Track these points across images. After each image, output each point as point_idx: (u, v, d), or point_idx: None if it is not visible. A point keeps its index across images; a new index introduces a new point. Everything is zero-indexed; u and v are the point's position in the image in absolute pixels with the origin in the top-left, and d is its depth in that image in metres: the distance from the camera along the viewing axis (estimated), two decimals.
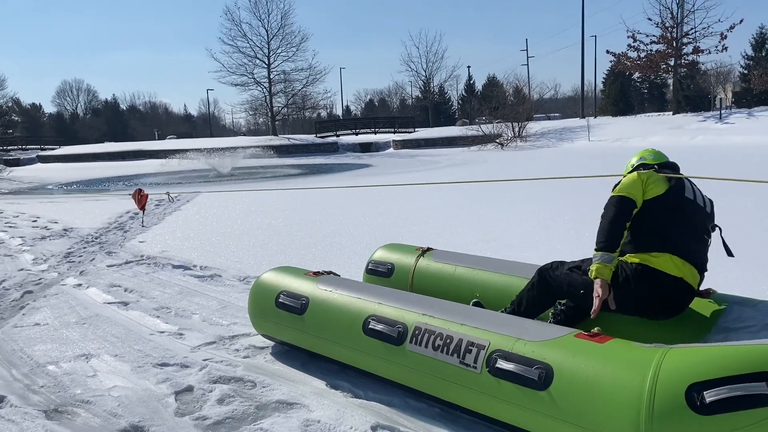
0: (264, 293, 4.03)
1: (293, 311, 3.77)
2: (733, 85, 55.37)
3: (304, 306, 3.73)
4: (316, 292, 3.76)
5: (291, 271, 4.17)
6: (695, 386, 2.25)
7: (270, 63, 49.70)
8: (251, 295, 4.15)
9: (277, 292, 3.93)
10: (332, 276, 4.04)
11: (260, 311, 4.04)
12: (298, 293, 3.83)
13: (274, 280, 4.06)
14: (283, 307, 3.84)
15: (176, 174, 25.18)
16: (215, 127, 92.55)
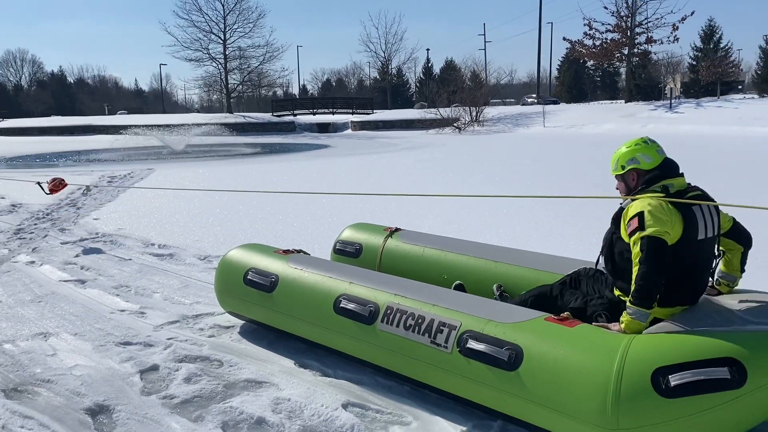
0: (232, 270, 3.98)
1: (262, 289, 3.74)
2: (682, 75, 56.97)
3: (274, 284, 3.70)
4: (286, 270, 3.73)
5: (260, 248, 4.13)
6: (661, 370, 2.34)
7: (226, 39, 48.59)
8: (218, 271, 4.09)
9: (246, 269, 3.89)
10: (302, 255, 4.02)
11: (227, 288, 4.00)
12: (267, 271, 3.79)
13: (243, 258, 4.01)
14: (252, 284, 3.80)
15: (128, 150, 24.48)
16: (167, 104, 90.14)
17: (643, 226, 2.73)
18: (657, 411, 2.31)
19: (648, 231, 2.70)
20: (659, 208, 2.75)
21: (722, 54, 51.48)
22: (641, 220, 2.75)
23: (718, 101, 33.80)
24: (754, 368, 2.31)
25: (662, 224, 2.70)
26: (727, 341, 2.41)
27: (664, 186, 2.88)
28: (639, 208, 2.80)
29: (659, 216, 2.72)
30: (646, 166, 3.00)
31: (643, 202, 2.81)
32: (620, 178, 3.12)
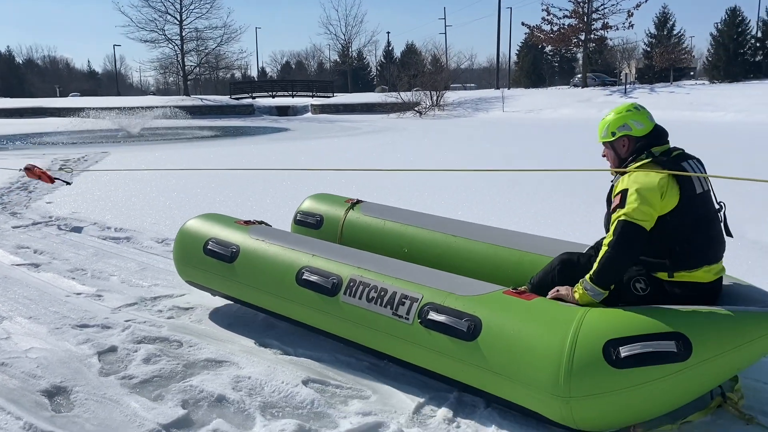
0: (191, 239, 3.95)
1: (223, 259, 3.72)
2: (637, 61, 58.15)
3: (234, 254, 3.69)
4: (247, 241, 3.72)
5: (220, 218, 4.10)
6: (612, 342, 2.44)
7: (182, 19, 47.57)
8: (177, 240, 4.06)
9: (206, 239, 3.86)
10: (264, 226, 4.01)
11: (186, 258, 3.97)
12: (228, 241, 3.77)
13: (203, 227, 3.98)
14: (212, 254, 3.78)
15: (82, 134, 23.81)
16: (122, 86, 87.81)
17: (624, 204, 2.69)
18: (607, 380, 2.40)
19: (627, 211, 2.66)
20: (649, 185, 2.68)
21: (675, 41, 52.72)
22: (623, 198, 2.71)
23: (670, 87, 34.72)
24: (699, 343, 2.41)
25: (647, 205, 2.65)
26: (675, 317, 2.52)
27: (649, 152, 2.84)
28: (626, 184, 2.74)
29: (646, 195, 2.66)
30: (637, 132, 2.91)
31: (634, 178, 2.74)
32: (609, 146, 2.99)
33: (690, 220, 2.72)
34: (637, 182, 2.71)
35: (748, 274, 4.70)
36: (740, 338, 2.46)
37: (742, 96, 26.89)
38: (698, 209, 2.76)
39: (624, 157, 2.94)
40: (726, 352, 2.44)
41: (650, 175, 2.72)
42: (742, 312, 2.55)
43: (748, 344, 2.46)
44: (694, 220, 2.73)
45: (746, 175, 8.65)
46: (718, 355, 2.43)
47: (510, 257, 3.66)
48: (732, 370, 2.52)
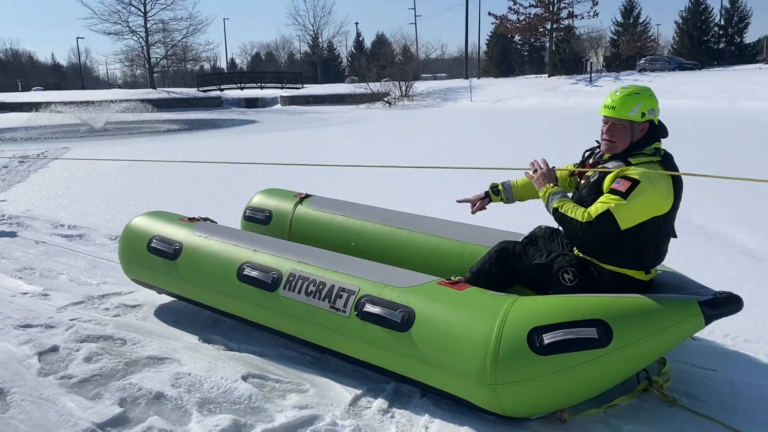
0: (136, 237, 3.94)
1: (166, 256, 3.72)
2: (604, 49, 58.83)
3: (178, 251, 3.69)
4: (190, 238, 3.72)
5: (165, 216, 4.09)
6: (536, 330, 2.50)
7: (146, 11, 46.81)
8: (122, 238, 4.04)
9: (150, 237, 3.85)
10: (208, 223, 4.00)
11: (131, 255, 3.96)
12: (171, 238, 3.77)
13: (147, 225, 3.97)
14: (156, 251, 3.78)
15: (44, 129, 23.34)
16: (88, 79, 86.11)
17: (627, 196, 2.62)
18: (530, 367, 2.47)
19: (621, 211, 2.61)
20: (662, 192, 2.66)
21: (641, 29, 53.49)
22: (630, 189, 2.62)
23: (634, 75, 35.19)
24: (619, 329, 2.49)
25: (644, 212, 2.64)
26: (597, 305, 2.59)
27: (656, 149, 2.79)
28: (640, 176, 2.65)
29: (652, 202, 2.64)
30: (656, 120, 2.83)
31: (650, 175, 2.64)
32: (628, 125, 2.78)
33: (668, 228, 2.80)
34: (652, 182, 2.65)
35: (691, 259, 4.85)
36: (660, 324, 2.53)
37: (705, 83, 27.41)
38: (673, 219, 2.83)
39: (635, 143, 2.81)
40: (646, 337, 2.51)
41: (664, 180, 2.68)
42: (663, 299, 2.63)
43: (667, 330, 2.54)
44: (669, 229, 2.82)
45: (690, 166, 8.83)
46: (639, 341, 2.51)
47: (453, 248, 3.71)
48: (653, 355, 2.60)
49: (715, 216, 6.22)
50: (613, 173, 2.76)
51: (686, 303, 2.59)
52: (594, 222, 2.68)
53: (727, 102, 23.35)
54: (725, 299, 2.60)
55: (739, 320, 3.58)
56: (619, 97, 2.82)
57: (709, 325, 2.61)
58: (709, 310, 2.56)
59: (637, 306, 2.58)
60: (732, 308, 2.60)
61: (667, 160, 2.81)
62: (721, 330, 3.49)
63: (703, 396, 2.83)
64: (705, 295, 2.65)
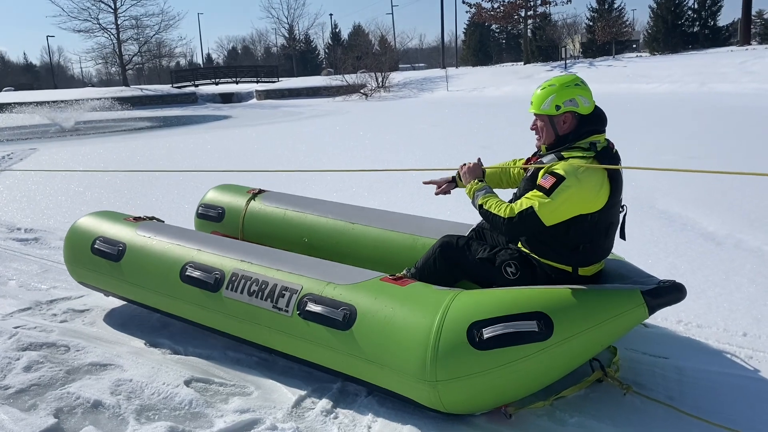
0: (79, 239, 3.83)
1: (109, 258, 3.62)
2: (580, 36, 58.97)
3: (121, 252, 3.58)
4: (134, 238, 3.62)
5: (110, 216, 3.97)
6: (476, 324, 2.45)
7: (117, 7, 46.03)
8: (66, 240, 3.93)
9: (94, 238, 3.74)
10: (154, 222, 3.90)
11: (75, 258, 3.85)
12: (115, 239, 3.66)
13: (91, 225, 3.86)
14: (99, 253, 3.67)
15: (13, 130, 22.89)
16: (62, 79, 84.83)
17: (550, 193, 2.54)
18: (470, 362, 2.41)
19: (544, 210, 2.55)
20: (589, 188, 2.54)
21: (616, 14, 53.63)
22: (555, 185, 2.54)
23: (609, 60, 35.34)
24: (560, 322, 2.44)
25: (569, 209, 2.56)
26: (538, 297, 2.54)
27: (592, 143, 2.66)
28: (566, 171, 2.55)
29: (577, 199, 2.54)
30: (584, 110, 2.69)
31: (576, 171, 2.54)
32: (547, 120, 2.74)
33: (605, 224, 2.69)
34: (578, 179, 2.54)
35: (651, 243, 4.84)
36: (602, 315, 2.49)
37: (678, 67, 27.55)
38: (614, 215, 2.73)
39: (562, 135, 2.74)
40: (588, 329, 2.47)
41: (594, 176, 2.56)
42: (605, 290, 2.59)
43: (610, 321, 2.49)
44: (607, 225, 2.71)
45: (658, 149, 8.85)
46: (581, 333, 2.46)
47: (404, 242, 3.65)
48: (596, 346, 2.55)
49: (678, 200, 6.22)
50: (544, 168, 2.69)
51: (629, 293, 2.55)
52: (516, 218, 2.63)
53: (698, 85, 23.50)
54: (668, 288, 2.56)
55: (693, 305, 3.58)
56: (536, 92, 2.79)
57: (654, 314, 2.57)
58: (652, 299, 2.53)
59: (578, 297, 2.53)
60: (675, 297, 2.56)
61: (603, 155, 2.66)
62: (674, 316, 3.47)
63: (650, 384, 2.80)
64: (648, 285, 2.61)
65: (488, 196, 2.81)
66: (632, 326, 2.58)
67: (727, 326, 3.34)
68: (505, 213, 2.67)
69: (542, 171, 2.68)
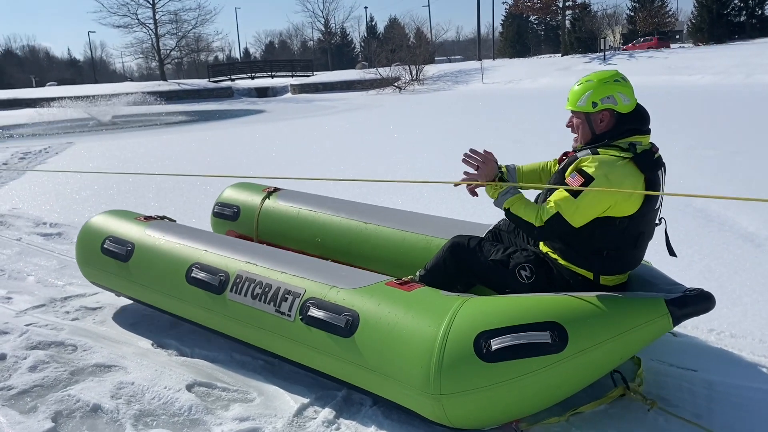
0: (91, 238, 3.79)
1: (118, 258, 3.56)
2: (621, 27, 57.65)
3: (130, 252, 3.53)
4: (143, 238, 3.56)
5: (122, 214, 3.93)
6: (484, 334, 2.28)
7: (155, 2, 46.69)
8: (78, 239, 3.90)
9: (104, 238, 3.70)
10: (165, 221, 3.83)
11: (86, 257, 3.81)
12: (124, 239, 3.61)
13: (102, 225, 3.82)
14: (108, 253, 3.62)
15: (53, 124, 23.39)
16: (105, 73, 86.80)
17: (576, 194, 2.39)
18: (477, 375, 2.25)
19: (571, 212, 2.40)
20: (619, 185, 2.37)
21: (659, 4, 52.21)
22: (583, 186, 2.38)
23: (649, 52, 34.38)
24: (575, 332, 2.27)
25: (597, 210, 2.41)
26: (551, 305, 2.36)
27: (632, 144, 2.47)
28: (595, 172, 2.39)
29: (605, 201, 2.38)
30: (623, 108, 2.51)
31: (608, 172, 2.38)
32: (584, 118, 2.58)
33: (634, 233, 2.51)
34: (608, 180, 2.37)
35: (687, 242, 4.59)
36: (622, 326, 2.31)
37: (721, 57, 26.67)
38: (646, 225, 2.55)
39: (599, 134, 2.55)
40: (606, 341, 2.29)
41: (626, 177, 2.39)
42: (626, 298, 2.40)
43: (630, 332, 2.31)
44: (637, 234, 2.52)
45: (699, 144, 8.48)
46: (597, 345, 2.29)
47: (418, 242, 3.50)
48: (615, 360, 2.37)
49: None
50: (575, 162, 2.51)
51: (652, 302, 2.36)
52: (545, 226, 2.48)
53: (743, 77, 22.68)
54: (695, 297, 2.37)
55: (727, 313, 3.35)
56: (571, 88, 2.63)
57: (678, 325, 2.38)
58: (677, 309, 2.33)
59: (596, 306, 2.35)
60: (703, 307, 2.37)
61: (642, 158, 2.46)
62: (706, 324, 3.24)
63: (676, 400, 2.60)
64: (674, 293, 2.41)
65: (514, 200, 2.62)
66: (655, 338, 2.39)
67: (763, 337, 3.10)
68: (535, 220, 2.51)
69: (572, 166, 2.50)
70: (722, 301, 3.42)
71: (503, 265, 2.71)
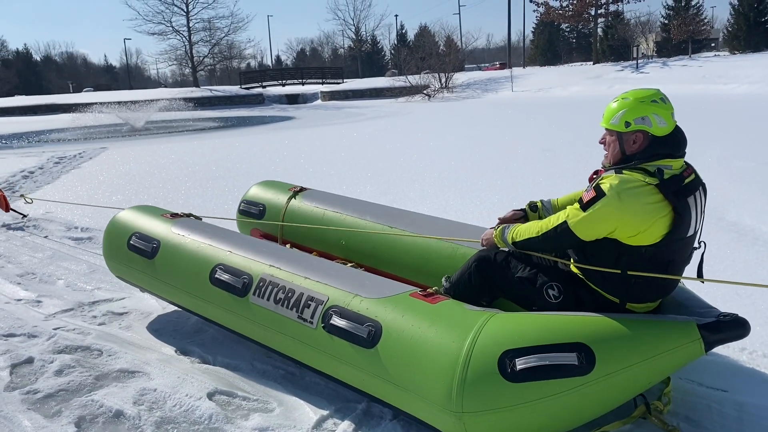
0: (118, 233, 3.81)
1: (144, 254, 3.58)
2: (654, 35, 56.79)
3: (155, 249, 3.54)
4: (169, 235, 3.57)
5: (149, 211, 3.94)
6: (509, 353, 2.23)
7: (189, 10, 47.49)
8: (105, 234, 3.93)
9: (131, 233, 3.72)
10: (191, 219, 3.84)
11: (113, 252, 3.84)
12: (150, 236, 3.63)
13: (130, 220, 3.84)
14: (135, 249, 3.65)
15: (89, 129, 23.90)
16: (140, 79, 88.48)
17: (587, 208, 2.32)
18: (500, 395, 2.20)
19: (577, 223, 2.36)
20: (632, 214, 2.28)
21: (694, 12, 51.33)
22: (593, 201, 2.32)
23: (683, 60, 33.82)
24: (603, 355, 2.21)
25: (605, 229, 2.34)
26: (579, 325, 2.30)
27: (659, 168, 2.33)
28: (609, 188, 2.30)
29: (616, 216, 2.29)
30: (657, 131, 2.38)
31: (623, 194, 2.28)
32: (616, 136, 2.45)
33: (662, 261, 2.39)
34: (620, 198, 2.28)
35: (719, 257, 4.47)
36: (652, 350, 2.23)
37: (759, 66, 26.05)
38: (678, 253, 2.42)
39: (629, 155, 2.43)
40: (634, 365, 2.22)
41: (641, 202, 2.28)
42: (657, 320, 2.34)
43: (659, 357, 2.23)
44: (666, 262, 2.40)
45: (731, 155, 8.27)
46: (625, 369, 2.22)
47: (443, 249, 3.45)
48: (643, 384, 2.29)
49: (752, 211, 5.77)
50: (595, 180, 2.44)
51: (683, 326, 2.28)
52: (550, 232, 2.48)
53: None
54: (729, 323, 2.27)
55: (761, 332, 3.26)
56: (608, 104, 2.51)
57: (710, 351, 2.30)
58: (709, 334, 2.25)
59: (625, 328, 2.28)
60: (737, 333, 2.27)
61: (669, 184, 2.31)
62: (737, 343, 3.12)
63: (705, 421, 2.53)
64: (706, 317, 2.33)
65: (514, 228, 2.69)
66: (685, 363, 2.30)
67: None
68: (539, 230, 2.53)
69: (593, 183, 2.44)
70: (756, 319, 3.31)
71: (530, 283, 2.65)
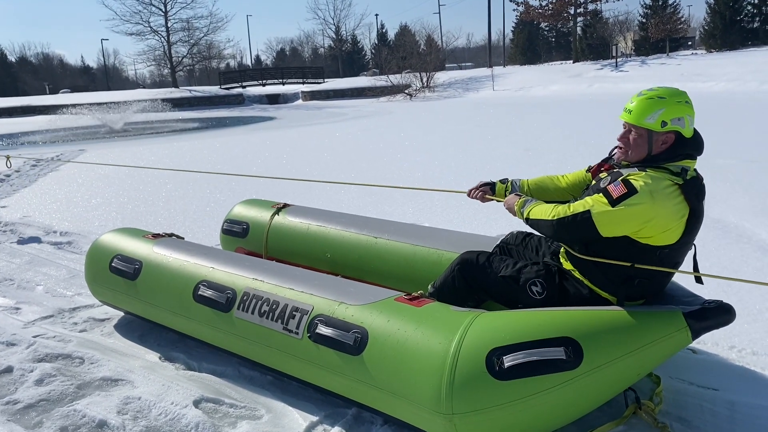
0: (99, 256, 3.76)
1: (126, 276, 3.53)
2: (633, 33, 57.36)
3: (137, 271, 3.50)
4: (151, 255, 3.53)
5: (130, 232, 3.91)
6: (496, 351, 2.22)
7: (167, 10, 47.05)
8: (87, 258, 3.87)
9: (112, 256, 3.67)
10: (173, 239, 3.81)
11: (95, 276, 3.78)
12: (132, 257, 3.58)
13: (111, 243, 3.79)
14: (117, 271, 3.59)
15: (65, 131, 23.52)
16: (118, 80, 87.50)
17: (615, 204, 2.25)
18: (490, 394, 2.19)
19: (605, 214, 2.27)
20: (662, 217, 2.25)
21: (671, 11, 51.92)
22: (622, 197, 2.25)
23: (662, 59, 34.21)
24: (590, 348, 2.21)
25: (629, 226, 2.28)
26: (566, 320, 2.30)
27: (684, 168, 2.32)
28: (641, 186, 2.25)
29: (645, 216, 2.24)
30: (687, 133, 2.36)
31: (655, 194, 2.23)
32: (646, 135, 2.37)
33: (671, 263, 2.40)
34: (653, 198, 2.23)
35: (703, 254, 4.44)
36: (639, 341, 2.25)
37: (735, 64, 26.43)
38: (681, 255, 2.44)
39: (654, 155, 2.38)
40: (622, 356, 2.23)
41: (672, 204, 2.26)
42: (642, 311, 2.34)
43: (647, 347, 2.25)
44: (673, 264, 2.41)
45: (712, 153, 8.36)
46: (614, 361, 2.22)
47: (429, 256, 3.44)
48: (632, 376, 2.30)
49: (734, 208, 5.82)
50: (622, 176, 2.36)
51: (669, 315, 2.30)
52: (569, 219, 2.37)
53: (758, 84, 22.46)
54: (714, 309, 2.30)
55: (748, 329, 3.27)
56: (639, 99, 2.38)
57: (698, 338, 2.30)
58: (695, 322, 2.27)
59: (611, 320, 2.29)
60: (722, 319, 2.30)
61: (691, 187, 2.32)
62: (726, 341, 3.16)
63: (696, 420, 2.52)
64: (691, 305, 2.34)
65: (534, 205, 2.59)
66: (673, 353, 2.32)
67: None
68: (555, 214, 2.42)
69: (619, 179, 2.35)
70: (742, 316, 3.34)
71: (514, 281, 2.64)
